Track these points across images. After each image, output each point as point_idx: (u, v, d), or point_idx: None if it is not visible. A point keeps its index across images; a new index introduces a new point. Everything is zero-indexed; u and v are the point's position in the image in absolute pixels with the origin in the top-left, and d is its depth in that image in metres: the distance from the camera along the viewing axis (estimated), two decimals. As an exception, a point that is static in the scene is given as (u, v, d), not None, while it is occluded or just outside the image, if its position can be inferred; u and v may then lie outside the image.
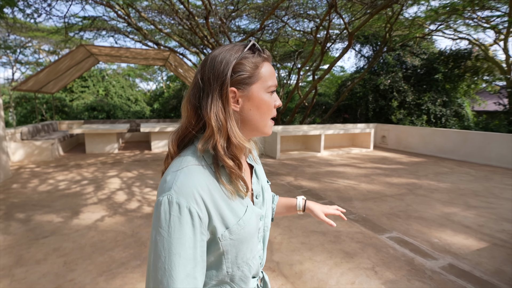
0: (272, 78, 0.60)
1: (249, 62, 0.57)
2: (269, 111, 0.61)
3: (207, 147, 0.55)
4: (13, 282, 2.11)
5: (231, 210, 0.57)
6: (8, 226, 3.02)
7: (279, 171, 5.53)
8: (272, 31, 10.41)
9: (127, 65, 16.36)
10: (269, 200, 0.72)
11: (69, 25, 7.32)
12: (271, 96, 0.61)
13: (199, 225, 0.52)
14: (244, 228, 0.58)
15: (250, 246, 0.61)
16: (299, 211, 0.90)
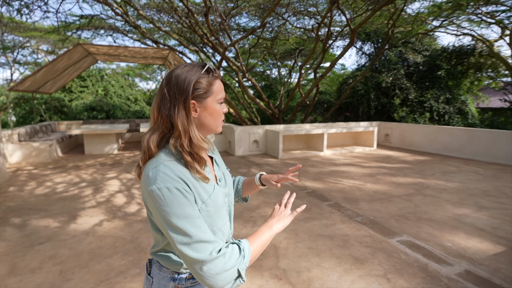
0: (221, 92, 0.80)
1: (205, 81, 0.75)
2: (220, 116, 0.80)
3: (177, 145, 0.73)
4: (7, 293, 1.99)
5: (203, 189, 0.75)
6: (3, 232, 2.91)
7: (282, 171, 5.41)
8: (273, 29, 10.27)
9: (126, 64, 16.22)
10: (230, 183, 0.92)
11: (67, 24, 7.19)
12: (221, 105, 0.80)
13: (190, 196, 0.69)
14: (214, 201, 0.77)
15: (221, 216, 0.81)
16: (259, 186, 1.08)
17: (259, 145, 7.28)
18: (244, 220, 3.18)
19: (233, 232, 2.75)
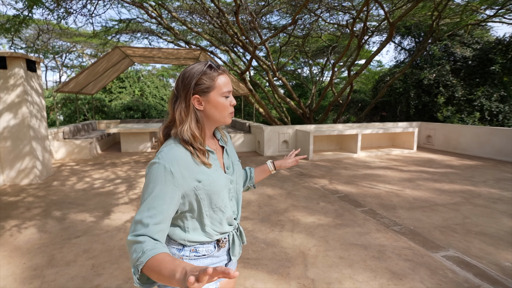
0: (226, 86, 0.88)
1: (207, 77, 0.85)
2: (224, 109, 0.89)
3: (176, 132, 0.85)
4: (44, 284, 2.09)
5: (201, 171, 0.85)
6: (45, 224, 3.10)
7: (312, 173, 5.20)
8: (304, 26, 9.99)
9: (161, 65, 16.92)
10: (239, 171, 1.02)
11: (107, 29, 7.63)
12: (226, 99, 0.88)
13: (171, 178, 0.79)
14: (213, 182, 0.87)
15: (221, 197, 0.90)
16: (272, 171, 1.25)
17: (288, 145, 7.10)
18: (271, 224, 3.06)
19: (260, 236, 2.65)
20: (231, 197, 0.97)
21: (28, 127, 4.34)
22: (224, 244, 0.96)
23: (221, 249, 0.96)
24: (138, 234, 0.73)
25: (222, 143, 1.01)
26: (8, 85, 4.16)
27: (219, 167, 0.92)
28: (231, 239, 0.98)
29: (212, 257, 0.94)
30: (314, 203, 3.67)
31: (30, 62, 4.38)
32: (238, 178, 1.01)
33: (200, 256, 0.92)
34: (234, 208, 0.99)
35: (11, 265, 2.31)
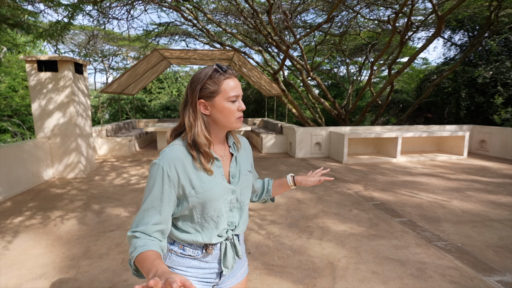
0: (233, 90, 0.85)
1: (212, 82, 0.84)
2: (231, 114, 0.86)
3: (185, 138, 0.87)
4: (78, 274, 2.20)
5: (198, 177, 0.85)
6: (85, 216, 3.31)
7: (346, 178, 4.93)
8: (342, 24, 9.58)
9: (198, 67, 17.48)
10: (245, 182, 0.97)
11: (147, 32, 8.05)
12: (233, 103, 0.86)
13: (168, 180, 0.81)
14: (206, 191, 0.85)
15: (214, 207, 0.87)
16: (291, 186, 1.16)
17: (321, 147, 6.85)
18: (299, 230, 2.93)
19: (287, 242, 2.54)
20: (231, 207, 0.94)
21: (75, 125, 4.71)
22: (211, 251, 0.93)
23: (209, 256, 0.93)
24: (136, 231, 0.80)
25: (233, 150, 0.98)
26: (58, 86, 4.55)
27: (221, 175, 0.90)
28: (223, 248, 0.95)
29: (199, 260, 0.93)
30: (347, 210, 3.45)
31: (77, 65, 4.75)
32: (243, 189, 0.96)
33: (186, 256, 0.92)
34: (234, 219, 0.96)
35: (52, 253, 2.49)
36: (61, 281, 2.10)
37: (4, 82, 10.20)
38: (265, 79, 8.29)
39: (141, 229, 0.79)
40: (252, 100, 15.14)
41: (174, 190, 0.83)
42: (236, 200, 0.95)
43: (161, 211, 0.82)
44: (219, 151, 0.94)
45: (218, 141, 0.94)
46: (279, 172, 5.31)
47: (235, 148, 0.99)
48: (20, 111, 10.20)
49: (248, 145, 1.08)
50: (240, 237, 1.04)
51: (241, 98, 0.90)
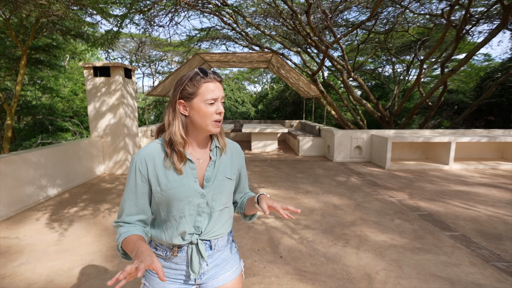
0: (210, 93, 0.88)
1: (191, 84, 0.88)
2: (206, 116, 0.89)
3: (164, 135, 0.92)
4: (120, 264, 2.36)
5: (166, 175, 0.89)
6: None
7: (388, 184, 4.60)
8: (387, 20, 9.02)
9: (238, 69, 17.87)
10: (220, 188, 0.95)
11: (190, 38, 8.45)
12: (211, 106, 0.88)
13: (139, 175, 0.89)
14: (171, 190, 0.89)
15: (176, 207, 0.90)
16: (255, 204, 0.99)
17: (362, 151, 6.50)
18: (334, 237, 2.79)
19: (320, 249, 2.44)
20: (199, 211, 0.93)
21: (123, 125, 5.11)
22: (175, 253, 0.94)
23: (175, 257, 0.95)
24: (118, 221, 0.91)
25: (214, 154, 0.97)
26: (110, 90, 4.98)
27: (192, 177, 0.92)
28: (189, 252, 0.95)
29: (169, 261, 0.96)
30: (388, 219, 3.21)
31: (127, 70, 5.16)
32: (216, 195, 0.95)
33: (157, 255, 0.96)
34: (201, 224, 0.95)
35: (100, 243, 2.71)
36: (106, 269, 2.28)
37: (67, 87, 11.53)
38: (303, 81, 8.15)
39: (123, 219, 0.90)
40: (290, 102, 15.00)
41: (146, 184, 0.90)
42: (206, 204, 0.94)
43: (137, 203, 0.90)
44: (197, 153, 0.95)
45: (197, 144, 0.95)
46: (316, 176, 5.15)
47: (217, 152, 0.98)
48: (79, 112, 11.44)
49: (238, 152, 1.06)
50: (216, 242, 1.00)
51: (221, 101, 0.90)
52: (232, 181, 1.00)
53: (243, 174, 1.10)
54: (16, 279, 2.13)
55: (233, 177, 1.01)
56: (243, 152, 1.10)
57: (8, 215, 3.31)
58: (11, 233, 2.91)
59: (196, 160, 0.94)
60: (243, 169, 1.09)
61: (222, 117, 0.92)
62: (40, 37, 6.40)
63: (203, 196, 0.92)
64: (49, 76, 10.01)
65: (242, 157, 1.08)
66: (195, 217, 0.94)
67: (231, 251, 1.06)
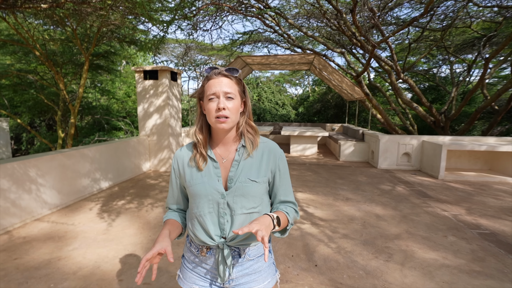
0: (210, 89, 0.87)
1: (203, 82, 0.91)
2: (209, 113, 0.88)
3: None
4: (158, 257, 2.47)
5: (191, 172, 0.95)
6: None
7: (440, 196, 4.14)
8: (446, 15, 8.19)
9: (279, 72, 17.84)
10: (241, 190, 0.91)
11: (233, 42, 8.66)
12: (211, 102, 0.87)
13: (173, 171, 1.01)
14: (192, 186, 0.93)
15: (197, 204, 0.93)
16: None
17: (411, 159, 5.98)
18: (376, 249, 2.58)
19: (359, 261, 2.27)
20: (221, 212, 0.92)
21: (168, 125, 5.41)
22: (204, 253, 0.95)
23: (205, 257, 0.95)
24: (166, 206, 1.08)
25: (239, 154, 0.94)
26: (157, 92, 5.31)
27: (212, 175, 0.92)
28: (216, 256, 0.94)
29: (199, 259, 0.97)
30: (440, 236, 2.87)
31: (173, 73, 5.45)
32: (237, 197, 0.91)
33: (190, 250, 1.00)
34: (225, 227, 0.92)
35: (142, 235, 2.87)
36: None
37: (122, 89, 12.65)
38: (347, 83, 7.80)
39: (168, 205, 1.06)
40: (332, 104, 14.49)
41: (179, 180, 1.00)
42: (227, 205, 0.91)
43: (173, 195, 1.03)
44: (222, 153, 0.96)
45: (223, 143, 0.95)
46: (357, 183, 4.86)
47: (243, 152, 0.94)
48: (131, 112, 12.46)
49: (273, 152, 0.97)
50: (247, 251, 0.94)
51: (223, 97, 0.87)
52: (258, 184, 0.92)
53: (279, 177, 0.98)
54: (69, 262, 2.35)
55: (260, 180, 0.93)
56: (280, 152, 0.99)
57: (68, 203, 3.70)
58: (68, 219, 3.24)
59: (220, 159, 0.94)
60: (279, 172, 0.97)
61: (229, 113, 0.87)
62: (101, 45, 7.11)
63: (222, 196, 0.91)
64: (107, 80, 11.10)
65: (278, 158, 0.97)
66: (218, 218, 0.92)
67: (267, 262, 0.99)
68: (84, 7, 3.65)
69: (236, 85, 0.90)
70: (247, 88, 0.98)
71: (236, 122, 0.92)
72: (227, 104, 0.86)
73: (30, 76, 7.58)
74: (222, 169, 0.94)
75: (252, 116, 0.98)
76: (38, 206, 3.29)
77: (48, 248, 2.58)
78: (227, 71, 0.89)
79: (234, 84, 0.89)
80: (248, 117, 0.96)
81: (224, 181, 0.93)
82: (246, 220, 0.93)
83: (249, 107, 0.96)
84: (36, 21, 5.98)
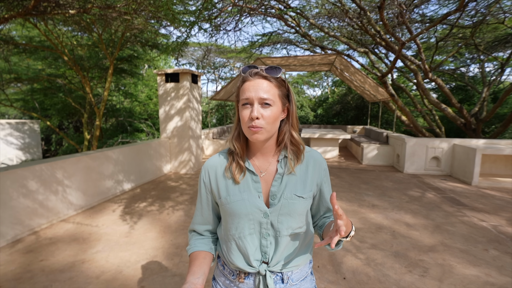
0: (244, 92, 0.76)
1: (239, 84, 0.80)
2: (242, 121, 0.76)
3: None
4: (180, 263, 2.43)
5: (226, 187, 0.81)
6: (190, 209, 3.69)
7: (476, 205, 3.84)
8: (476, 11, 7.72)
9: (297, 73, 17.64)
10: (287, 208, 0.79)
11: (252, 43, 8.62)
12: (244, 109, 0.76)
13: (203, 185, 0.86)
14: (229, 204, 0.80)
15: (236, 224, 0.80)
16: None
17: (440, 163, 5.64)
18: (409, 262, 2.40)
19: (391, 275, 2.11)
20: (264, 233, 0.80)
21: (188, 128, 5.43)
22: (242, 279, 0.83)
23: (242, 284, 0.83)
24: (190, 228, 0.91)
25: (282, 166, 0.82)
26: (178, 94, 5.35)
27: (254, 192, 0.80)
28: (256, 283, 0.82)
29: (235, 285, 0.85)
30: (480, 249, 2.64)
31: (194, 76, 5.47)
32: (282, 216, 0.80)
33: (224, 274, 0.87)
34: (267, 249, 0.81)
35: (163, 239, 2.85)
36: (167, 265, 2.36)
37: (144, 92, 12.98)
38: (370, 83, 7.53)
39: (194, 227, 0.90)
40: (353, 106, 14.11)
41: (210, 195, 0.85)
42: (271, 226, 0.80)
43: (202, 213, 0.88)
44: (262, 164, 0.83)
45: (261, 153, 0.83)
46: (383, 189, 4.63)
47: (286, 164, 0.82)
48: (153, 115, 12.75)
49: (318, 163, 0.86)
50: (290, 275, 0.84)
51: (258, 103, 0.74)
52: (305, 200, 0.82)
53: (326, 191, 0.88)
54: (93, 265, 2.36)
55: (306, 195, 0.82)
56: (325, 163, 0.89)
57: (92, 204, 3.77)
58: (92, 221, 3.28)
59: (259, 172, 0.83)
60: (324, 184, 0.88)
61: (263, 122, 0.74)
62: (124, 49, 7.31)
63: (265, 216, 0.80)
64: (130, 83, 11.43)
65: (323, 169, 0.87)
66: (259, 240, 0.81)
67: (309, 285, 0.89)
68: (109, 12, 3.73)
69: (277, 89, 0.77)
70: (292, 92, 0.82)
71: (273, 132, 0.79)
72: (262, 112, 0.74)
73: (59, 80, 7.93)
74: (263, 184, 0.82)
75: (297, 125, 0.84)
76: (64, 207, 3.36)
77: (73, 250, 2.61)
78: (267, 71, 0.76)
79: (273, 88, 0.76)
80: (292, 126, 0.82)
81: (265, 197, 0.82)
82: (291, 242, 0.83)
83: (293, 114, 0.82)
84: (65, 27, 6.24)
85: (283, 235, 0.80)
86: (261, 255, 0.81)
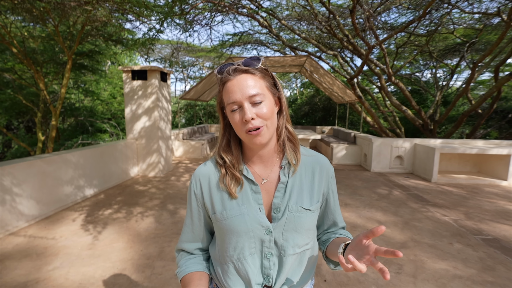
0: (228, 95, 0.65)
1: (219, 88, 0.69)
2: (236, 126, 0.66)
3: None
4: (152, 275, 2.24)
5: (221, 200, 0.70)
6: (161, 215, 3.48)
7: (437, 201, 4.12)
8: (431, 21, 8.38)
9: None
10: (293, 223, 0.69)
11: (222, 43, 8.49)
12: (234, 113, 0.66)
13: (195, 198, 0.74)
14: (226, 220, 0.69)
15: (234, 244, 0.69)
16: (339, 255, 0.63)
17: (403, 162, 5.99)
18: (384, 260, 2.46)
19: (370, 274, 2.14)
20: (266, 253, 0.69)
21: (157, 128, 5.14)
22: None
23: None
24: (178, 247, 0.80)
25: (284, 173, 0.72)
26: (146, 93, 5.04)
27: (254, 204, 0.70)
28: None
29: None
30: (445, 243, 2.80)
31: (163, 73, 5.20)
32: (288, 232, 0.69)
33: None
34: (270, 271, 0.69)
35: (132, 250, 2.62)
36: (137, 279, 2.16)
37: (106, 90, 12.15)
38: (339, 85, 7.79)
39: (182, 246, 0.78)
40: (321, 107, 14.56)
41: (202, 209, 0.74)
42: (275, 244, 0.69)
43: (193, 230, 0.77)
44: (261, 170, 0.72)
45: (260, 159, 0.72)
46: (353, 187, 4.79)
47: (290, 171, 0.72)
48: (117, 114, 11.98)
49: (325, 169, 0.76)
50: None
51: (248, 103, 0.64)
52: (312, 213, 0.72)
53: (332, 201, 0.79)
54: (49, 284, 2.08)
55: (313, 207, 0.72)
56: (332, 169, 0.79)
57: (47, 213, 3.38)
58: (48, 233, 2.93)
59: (259, 180, 0.72)
60: (331, 193, 0.78)
61: (260, 121, 0.64)
62: (85, 43, 6.74)
63: (268, 232, 0.69)
64: (91, 80, 10.62)
65: (329, 176, 0.77)
66: (261, 260, 0.70)
67: None
68: (67, 1, 3.37)
69: (262, 80, 0.67)
70: (278, 80, 0.71)
71: (274, 129, 0.68)
72: (255, 111, 0.64)
73: (6, 75, 7.07)
74: (263, 194, 0.71)
75: (289, 117, 0.74)
76: (13, 219, 2.96)
77: (25, 268, 2.29)
78: (245, 63, 0.66)
79: (259, 80, 0.66)
80: (286, 120, 0.73)
81: (267, 210, 0.71)
82: (297, 262, 0.72)
83: (284, 104, 0.72)
84: (13, 17, 5.57)
85: (288, 254, 0.70)
86: (262, 278, 0.71)
